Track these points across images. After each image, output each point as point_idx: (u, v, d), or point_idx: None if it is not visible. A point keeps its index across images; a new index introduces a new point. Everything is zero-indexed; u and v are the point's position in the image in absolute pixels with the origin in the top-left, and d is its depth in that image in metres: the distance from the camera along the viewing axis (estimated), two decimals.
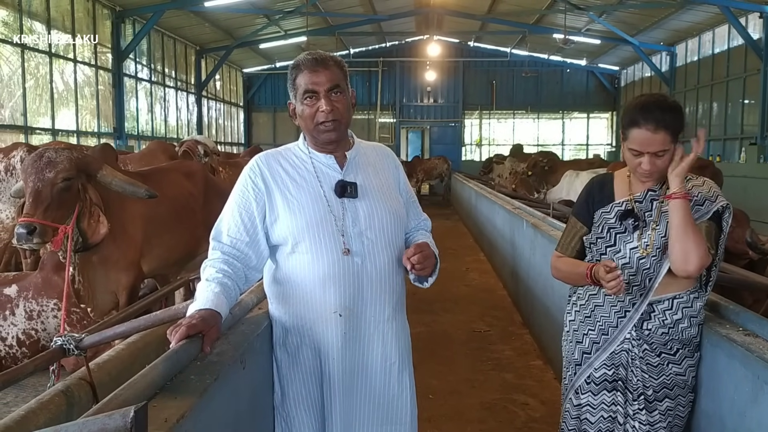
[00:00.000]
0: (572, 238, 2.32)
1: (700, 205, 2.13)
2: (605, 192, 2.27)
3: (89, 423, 1.05)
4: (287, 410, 2.06)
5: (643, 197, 2.19)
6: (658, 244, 2.12)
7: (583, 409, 2.24)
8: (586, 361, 2.24)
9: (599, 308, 2.22)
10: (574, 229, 2.32)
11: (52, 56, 13.23)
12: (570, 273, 2.29)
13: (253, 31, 21.13)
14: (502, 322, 6.15)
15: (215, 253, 1.98)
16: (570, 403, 2.29)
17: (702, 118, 19.65)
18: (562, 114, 26.78)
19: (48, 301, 4.04)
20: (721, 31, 17.99)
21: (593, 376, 2.22)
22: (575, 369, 2.28)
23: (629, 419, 2.16)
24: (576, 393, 2.26)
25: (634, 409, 2.15)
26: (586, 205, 2.29)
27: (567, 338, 2.35)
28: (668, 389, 2.14)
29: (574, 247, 2.31)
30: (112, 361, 1.98)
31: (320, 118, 1.97)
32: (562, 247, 2.35)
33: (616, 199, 2.23)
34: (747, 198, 11.87)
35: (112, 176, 3.45)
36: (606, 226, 2.21)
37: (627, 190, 2.23)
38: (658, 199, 2.16)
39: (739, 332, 2.09)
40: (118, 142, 15.48)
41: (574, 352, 2.29)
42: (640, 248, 2.14)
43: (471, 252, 10.48)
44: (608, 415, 2.20)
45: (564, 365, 2.38)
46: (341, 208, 2.01)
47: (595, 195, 2.29)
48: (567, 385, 2.33)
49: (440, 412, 4.01)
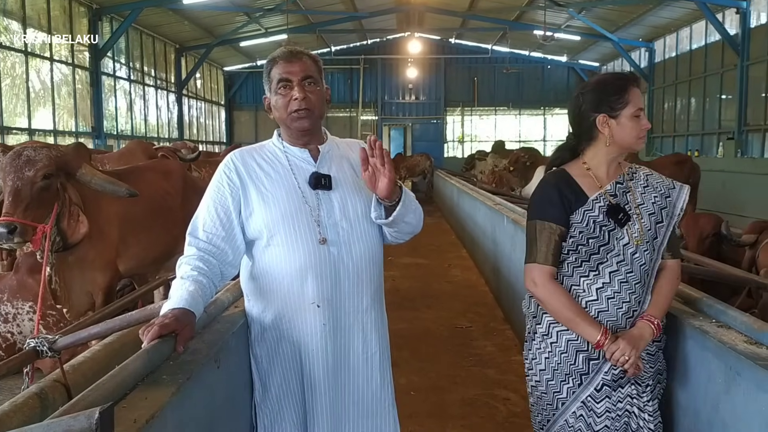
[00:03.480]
0: (550, 245, 2.10)
1: (668, 197, 2.16)
2: (575, 189, 2.14)
3: (54, 425, 1.04)
4: (269, 405, 2.05)
5: (614, 190, 2.15)
6: (646, 237, 2.10)
7: (601, 416, 2.09)
8: (594, 368, 2.09)
9: (603, 313, 2.08)
10: (551, 235, 2.11)
11: (28, 55, 13.06)
12: (570, 318, 2.07)
13: (234, 29, 21.03)
14: (483, 318, 6.18)
15: (191, 249, 1.97)
16: (573, 416, 2.11)
17: (680, 113, 19.88)
18: (543, 110, 26.94)
19: (23, 303, 4.00)
20: (698, 27, 18.21)
21: (605, 380, 2.08)
22: (581, 379, 2.10)
23: (641, 411, 2.11)
24: (584, 403, 2.10)
25: (644, 401, 2.11)
26: (562, 206, 2.11)
27: (557, 350, 2.14)
28: (660, 374, 2.16)
29: (554, 254, 2.11)
30: (87, 363, 1.94)
31: (293, 106, 1.99)
32: (542, 257, 2.11)
33: (589, 195, 2.13)
34: (725, 192, 12.04)
35: (91, 175, 3.42)
36: (595, 224, 2.10)
37: (594, 185, 2.15)
38: (627, 191, 2.15)
39: (712, 324, 2.11)
40: (97, 142, 15.33)
41: (575, 362, 2.10)
42: (631, 242, 2.08)
43: (453, 248, 10.51)
44: (617, 414, 2.11)
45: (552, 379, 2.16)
46: (316, 199, 2.02)
47: (567, 194, 2.13)
48: (564, 398, 2.13)
49: (422, 409, 4.01)
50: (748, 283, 3.45)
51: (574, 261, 2.12)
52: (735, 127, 15.84)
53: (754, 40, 15.32)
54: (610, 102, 2.11)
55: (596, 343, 2.03)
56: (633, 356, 1.99)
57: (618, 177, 2.18)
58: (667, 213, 2.14)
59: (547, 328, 2.17)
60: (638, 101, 2.11)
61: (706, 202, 10.26)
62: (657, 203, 2.15)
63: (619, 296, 2.08)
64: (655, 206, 2.14)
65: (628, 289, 2.08)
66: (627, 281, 2.08)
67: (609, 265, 2.08)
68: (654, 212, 2.14)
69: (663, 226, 2.14)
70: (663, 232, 2.13)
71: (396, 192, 1.97)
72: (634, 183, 2.18)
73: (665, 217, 2.14)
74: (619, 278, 2.08)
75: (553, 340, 2.16)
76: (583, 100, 2.17)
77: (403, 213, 2.00)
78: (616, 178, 2.18)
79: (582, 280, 2.11)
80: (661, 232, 2.13)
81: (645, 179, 2.19)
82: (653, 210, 2.14)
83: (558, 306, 2.10)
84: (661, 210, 2.14)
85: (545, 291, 2.11)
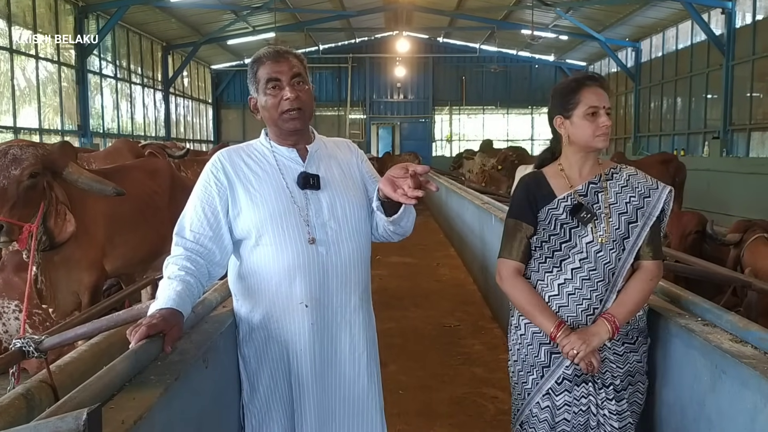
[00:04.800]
0: (519, 242, 2.21)
1: (648, 197, 2.16)
2: (543, 189, 2.22)
3: (41, 426, 1.03)
4: (257, 406, 2.04)
5: (585, 190, 2.19)
6: (614, 236, 2.12)
7: (560, 409, 2.17)
8: (555, 362, 2.17)
9: (564, 308, 2.15)
10: (520, 233, 2.21)
11: (13, 53, 12.94)
12: (527, 310, 2.19)
13: (221, 27, 20.96)
14: (472, 316, 6.19)
15: (178, 249, 1.96)
16: (537, 407, 2.20)
17: (666, 112, 20.03)
18: (531, 109, 27.07)
19: (9, 302, 3.96)
20: (684, 27, 18.36)
21: (565, 374, 2.16)
22: (542, 371, 2.19)
23: (599, 409, 2.17)
24: (546, 395, 2.19)
25: (602, 398, 2.15)
26: (528, 205, 2.21)
27: (524, 342, 2.25)
28: (631, 377, 2.16)
29: (521, 250, 2.21)
30: (74, 363, 1.93)
31: (285, 106, 1.98)
32: (507, 252, 2.23)
33: (557, 195, 2.19)
34: (710, 191, 12.15)
35: (78, 174, 3.39)
36: (556, 222, 2.17)
37: (566, 185, 2.21)
38: (601, 191, 2.18)
39: (698, 322, 2.13)
40: (83, 140, 15.22)
41: (538, 354, 2.20)
42: (595, 240, 2.12)
43: (441, 247, 10.53)
44: (579, 409, 2.18)
45: (520, 369, 2.26)
46: (304, 199, 2.01)
47: (535, 193, 2.22)
48: (529, 389, 2.23)
49: (410, 408, 4.02)
50: (733, 282, 3.48)
51: (539, 257, 2.20)
52: (720, 127, 15.99)
53: (740, 40, 15.47)
54: (563, 103, 2.19)
55: (550, 335, 2.11)
56: (583, 351, 2.05)
57: (593, 177, 2.21)
58: (643, 213, 2.14)
59: (518, 321, 2.29)
60: (591, 100, 2.14)
61: (691, 201, 10.35)
62: (632, 203, 2.15)
63: (580, 293, 2.13)
64: (630, 206, 2.15)
65: (590, 287, 2.12)
66: (590, 279, 2.12)
67: (571, 262, 2.15)
68: (626, 212, 2.15)
69: (637, 227, 2.14)
70: (637, 232, 2.14)
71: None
72: (612, 183, 2.19)
73: (640, 217, 2.14)
74: (581, 275, 2.13)
75: (522, 332, 2.26)
76: (550, 104, 2.27)
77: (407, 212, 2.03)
78: (590, 177, 2.21)
79: (546, 275, 2.18)
80: (634, 232, 2.14)
81: (626, 179, 2.20)
82: (626, 210, 2.15)
83: (519, 298, 2.21)
84: (637, 210, 2.15)
85: (508, 284, 2.22)
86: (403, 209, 1.96)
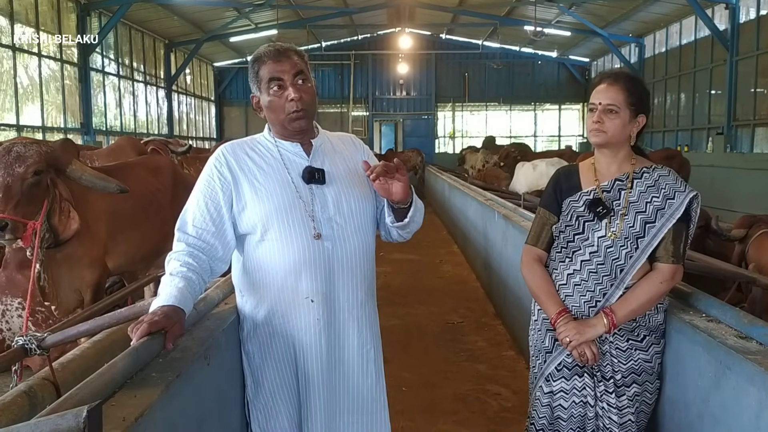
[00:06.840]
0: (542, 229, 2.33)
1: (672, 199, 2.13)
2: (572, 182, 2.30)
3: (41, 423, 1.02)
4: (263, 401, 2.04)
5: (610, 186, 2.22)
6: (626, 233, 2.14)
7: (557, 395, 2.24)
8: (557, 348, 2.23)
9: (569, 298, 2.21)
10: (543, 220, 2.33)
11: (15, 51, 12.95)
12: (537, 294, 2.30)
13: (223, 24, 20.92)
14: (475, 313, 6.19)
15: (180, 245, 1.95)
16: (540, 391, 2.29)
17: (670, 108, 19.96)
18: (534, 106, 26.97)
19: (12, 300, 3.96)
20: (688, 23, 18.27)
21: (565, 362, 2.22)
22: (545, 357, 2.27)
23: (598, 401, 2.18)
24: (547, 380, 2.26)
25: (601, 390, 2.17)
26: (554, 195, 2.31)
27: (535, 327, 2.35)
28: (636, 375, 2.16)
29: (545, 239, 2.32)
30: (76, 360, 1.93)
31: (290, 107, 1.97)
32: (533, 239, 2.35)
33: (583, 188, 2.26)
34: (714, 187, 12.09)
35: (81, 171, 3.39)
36: (575, 214, 2.24)
37: (593, 179, 2.26)
38: (625, 189, 2.18)
39: (702, 318, 2.12)
40: (86, 138, 15.23)
41: (544, 339, 2.28)
42: (607, 235, 2.15)
43: (445, 244, 10.52)
44: (580, 400, 2.22)
45: (532, 354, 2.37)
46: (309, 194, 2.00)
47: (562, 185, 2.31)
48: (536, 373, 2.32)
49: (413, 404, 4.01)
50: (738, 278, 3.46)
51: (556, 247, 2.30)
52: (724, 122, 15.91)
53: (743, 35, 15.39)
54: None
55: (551, 320, 2.21)
56: (575, 340, 2.12)
57: (622, 174, 2.22)
58: (662, 214, 2.13)
59: (533, 307, 2.39)
60: (593, 97, 2.22)
61: None
62: (654, 203, 2.15)
63: (585, 285, 2.19)
64: (650, 206, 2.15)
65: (595, 280, 2.17)
66: (596, 272, 2.17)
67: (582, 254, 2.21)
68: (645, 211, 2.15)
69: (654, 227, 2.13)
70: (653, 232, 2.13)
71: (409, 194, 1.99)
72: (640, 182, 2.19)
73: (659, 218, 2.13)
74: (589, 268, 2.18)
75: (536, 318, 2.36)
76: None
77: (414, 213, 2.05)
78: (618, 174, 2.22)
79: (560, 264, 2.27)
80: (650, 233, 2.13)
81: (656, 179, 2.19)
82: (645, 209, 2.15)
83: (531, 283, 2.31)
84: (657, 211, 2.14)
85: (526, 269, 2.35)
86: (413, 206, 2.02)
